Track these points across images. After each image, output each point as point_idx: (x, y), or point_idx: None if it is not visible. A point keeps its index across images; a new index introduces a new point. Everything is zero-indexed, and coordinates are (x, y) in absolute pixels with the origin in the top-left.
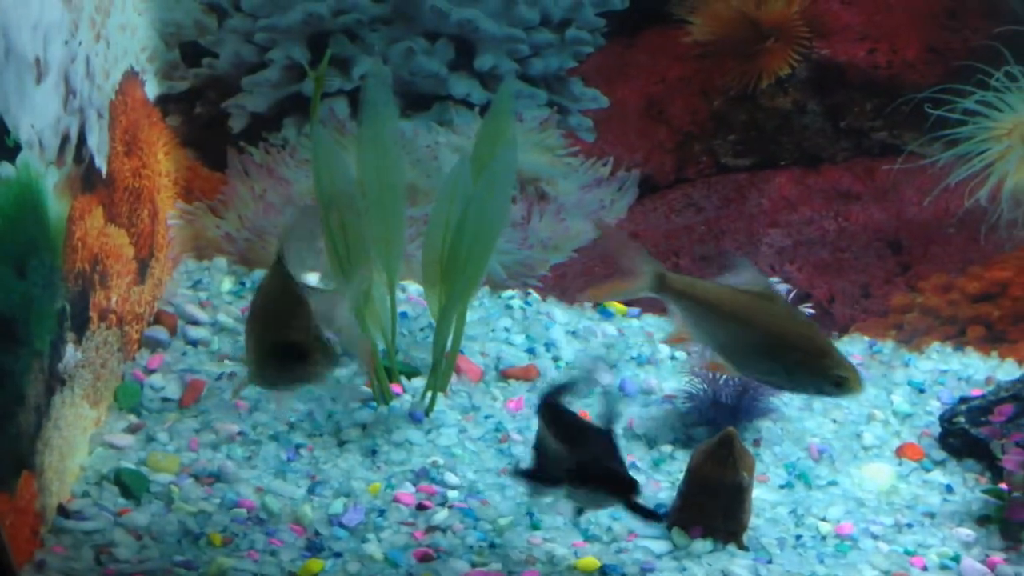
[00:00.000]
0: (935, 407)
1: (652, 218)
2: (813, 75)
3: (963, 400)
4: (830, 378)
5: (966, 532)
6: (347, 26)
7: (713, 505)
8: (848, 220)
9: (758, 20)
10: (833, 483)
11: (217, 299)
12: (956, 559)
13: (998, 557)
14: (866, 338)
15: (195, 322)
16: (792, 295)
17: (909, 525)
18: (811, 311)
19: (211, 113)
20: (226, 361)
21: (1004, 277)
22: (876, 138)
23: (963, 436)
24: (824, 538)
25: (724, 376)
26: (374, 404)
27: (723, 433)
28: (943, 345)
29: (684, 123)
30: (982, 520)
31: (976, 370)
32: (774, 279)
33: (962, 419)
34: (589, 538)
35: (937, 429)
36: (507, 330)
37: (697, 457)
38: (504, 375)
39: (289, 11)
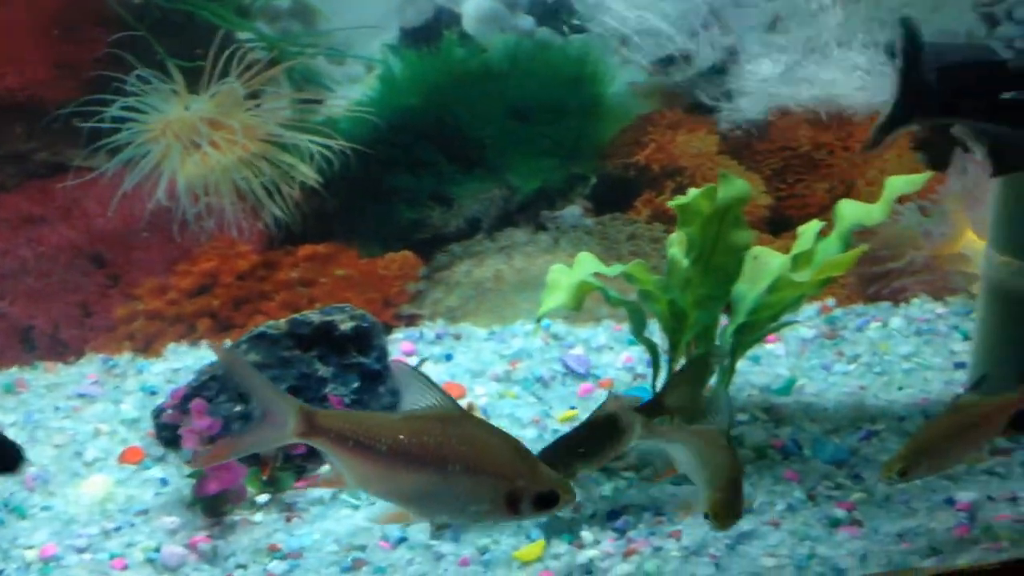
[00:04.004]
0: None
1: None
2: None
3: (173, 393)
4: None
5: (171, 520)
6: None
7: None
8: (43, 244)
9: None
10: (47, 508)
11: None
12: (158, 549)
13: (200, 536)
14: (101, 355)
15: None
16: None
17: (118, 529)
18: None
19: None
20: None
21: (212, 267)
22: (39, 159)
23: (172, 427)
24: (30, 565)
25: None
26: None
27: None
28: (178, 344)
29: None
30: (190, 504)
31: (208, 361)
32: None
33: (170, 411)
34: None
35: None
36: None
37: None
38: None
39: None
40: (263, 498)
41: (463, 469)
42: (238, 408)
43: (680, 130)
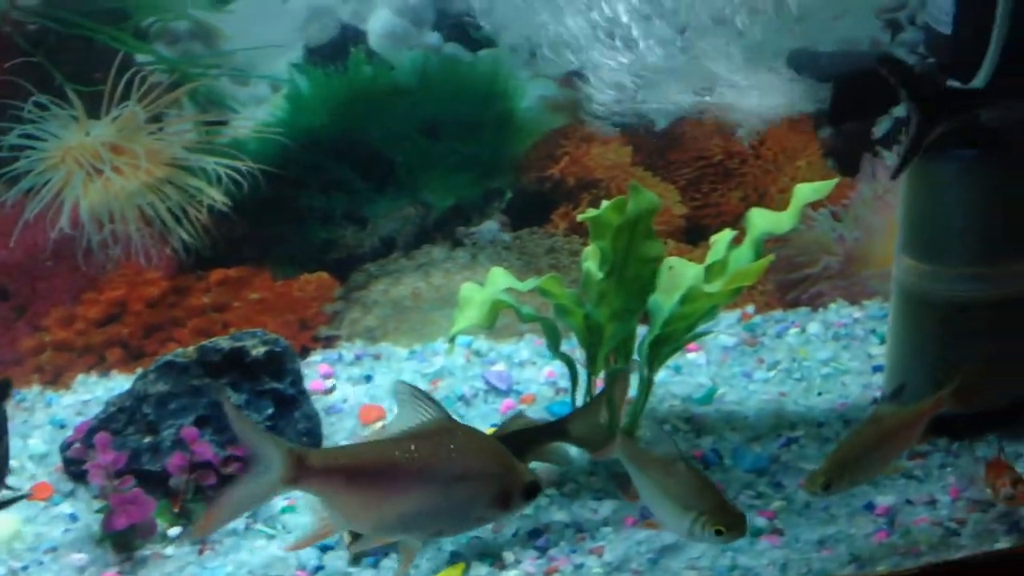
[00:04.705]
0: None
1: None
2: None
3: (79, 427)
4: None
5: (80, 557)
6: None
7: None
8: None
9: None
10: None
11: None
12: None
13: (111, 572)
14: None
15: None
16: None
17: (26, 568)
18: None
19: None
20: None
21: (120, 296)
22: None
23: (80, 462)
24: None
25: None
26: None
27: None
28: (88, 375)
29: None
30: (99, 541)
31: (116, 392)
32: None
33: (76, 445)
34: None
35: None
36: None
37: None
38: None
39: None
40: (175, 531)
41: (462, 478)
42: (148, 440)
43: (593, 143)
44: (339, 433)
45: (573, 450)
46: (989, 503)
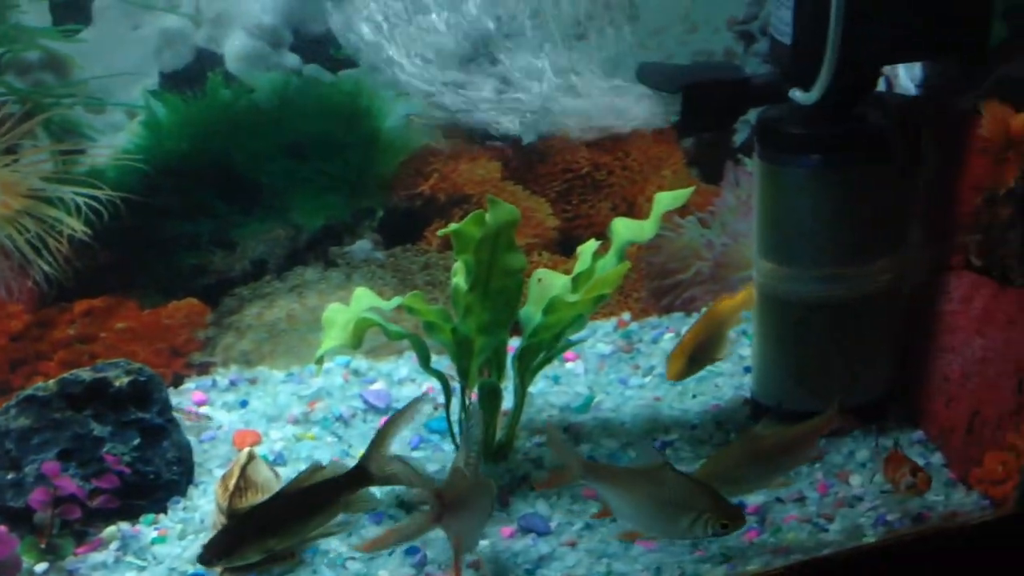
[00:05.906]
0: None
1: None
2: None
3: None
4: None
5: None
6: None
7: None
8: None
9: None
10: None
11: None
12: None
13: None
14: None
15: None
16: None
17: None
18: None
19: None
20: None
21: None
22: None
23: None
24: None
25: None
26: None
27: None
28: None
29: None
30: None
31: None
32: None
33: None
34: None
35: None
36: None
37: None
38: None
39: None
40: (41, 567)
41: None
42: (11, 476)
43: (462, 159)
44: (213, 460)
45: (377, 491)
46: (857, 497)
